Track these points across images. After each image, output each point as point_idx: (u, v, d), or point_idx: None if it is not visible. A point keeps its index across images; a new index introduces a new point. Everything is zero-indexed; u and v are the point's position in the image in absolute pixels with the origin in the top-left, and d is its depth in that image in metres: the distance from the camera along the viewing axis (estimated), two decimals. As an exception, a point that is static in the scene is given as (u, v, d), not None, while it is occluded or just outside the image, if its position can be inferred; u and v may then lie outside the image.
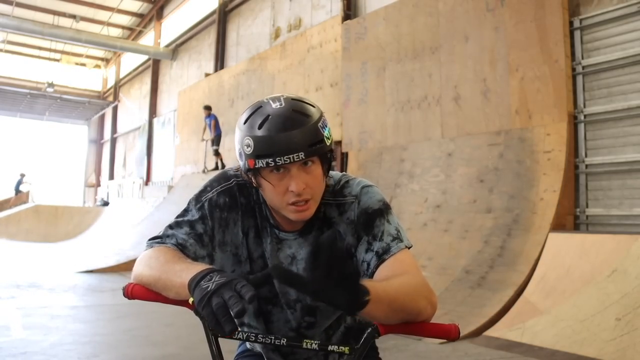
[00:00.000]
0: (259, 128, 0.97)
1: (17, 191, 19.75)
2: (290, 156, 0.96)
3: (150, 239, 1.09)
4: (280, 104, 0.99)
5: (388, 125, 7.31)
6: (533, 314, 4.07)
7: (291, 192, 0.99)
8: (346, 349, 0.92)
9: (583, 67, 5.25)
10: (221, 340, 0.96)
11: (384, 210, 1.08)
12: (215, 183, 1.13)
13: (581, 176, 5.20)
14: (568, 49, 5.27)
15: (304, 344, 0.92)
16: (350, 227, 1.08)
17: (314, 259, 0.74)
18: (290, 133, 0.96)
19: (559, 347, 3.61)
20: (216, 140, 11.13)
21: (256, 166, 0.98)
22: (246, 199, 1.12)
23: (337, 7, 9.06)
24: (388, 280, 0.94)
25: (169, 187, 13.59)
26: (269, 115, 0.97)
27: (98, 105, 23.12)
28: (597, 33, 5.18)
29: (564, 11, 5.30)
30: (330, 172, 1.12)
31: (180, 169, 14.14)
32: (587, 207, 5.15)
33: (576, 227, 5.16)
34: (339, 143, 7.94)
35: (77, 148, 25.53)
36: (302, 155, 0.96)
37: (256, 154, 0.97)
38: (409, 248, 1.07)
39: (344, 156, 8.05)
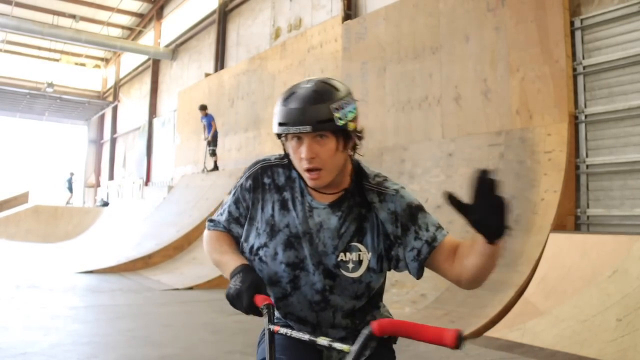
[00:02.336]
0: (285, 100, 1.16)
1: (71, 190, 20.06)
2: (299, 127, 1.13)
3: (209, 220, 1.37)
4: (309, 84, 1.17)
5: (388, 125, 7.30)
6: (534, 314, 4.06)
7: (303, 158, 1.16)
8: (346, 348, 0.99)
9: (584, 67, 5.24)
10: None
11: (422, 206, 1.29)
12: (246, 170, 1.34)
13: (582, 176, 5.19)
14: (569, 49, 5.26)
15: (318, 340, 1.06)
16: (391, 216, 1.25)
17: (478, 189, 0.97)
18: (302, 108, 1.13)
19: (560, 348, 3.61)
20: (213, 141, 11.05)
21: (278, 132, 1.18)
22: (270, 178, 1.30)
23: (338, 7, 9.05)
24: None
25: (169, 188, 13.56)
26: (295, 92, 1.16)
27: (98, 105, 23.11)
28: (598, 33, 5.17)
29: (565, 11, 5.29)
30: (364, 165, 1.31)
31: (180, 169, 14.12)
32: (588, 207, 5.14)
33: (577, 228, 5.14)
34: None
35: (76, 148, 25.52)
36: (308, 128, 1.12)
37: (278, 122, 1.16)
38: None
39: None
